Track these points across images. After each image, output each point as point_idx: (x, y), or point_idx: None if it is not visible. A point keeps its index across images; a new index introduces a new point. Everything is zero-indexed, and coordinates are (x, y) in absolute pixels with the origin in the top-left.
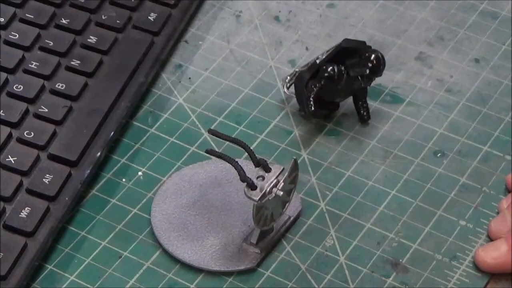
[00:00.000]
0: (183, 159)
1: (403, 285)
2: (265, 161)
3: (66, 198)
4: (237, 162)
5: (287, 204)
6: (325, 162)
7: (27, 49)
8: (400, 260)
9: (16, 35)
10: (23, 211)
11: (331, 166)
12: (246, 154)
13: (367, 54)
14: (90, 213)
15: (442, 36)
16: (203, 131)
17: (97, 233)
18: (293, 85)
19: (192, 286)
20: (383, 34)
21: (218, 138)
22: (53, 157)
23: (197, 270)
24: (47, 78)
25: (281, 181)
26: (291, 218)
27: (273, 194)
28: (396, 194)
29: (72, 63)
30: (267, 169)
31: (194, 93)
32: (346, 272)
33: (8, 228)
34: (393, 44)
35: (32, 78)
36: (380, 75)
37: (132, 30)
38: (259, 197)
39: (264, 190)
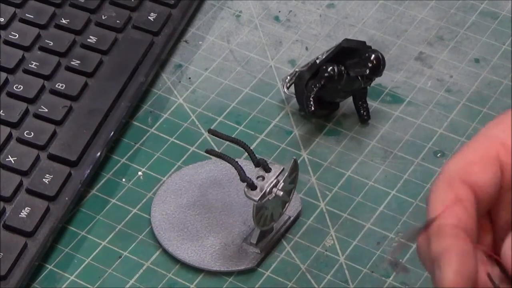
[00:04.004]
0: (183, 159)
1: (403, 285)
2: (265, 161)
3: (66, 198)
4: (237, 162)
5: (287, 204)
6: (325, 162)
7: (27, 49)
8: (400, 260)
9: (16, 35)
10: (23, 211)
11: (331, 166)
12: (246, 154)
13: (367, 54)
14: (90, 213)
15: (442, 36)
16: (203, 131)
17: (97, 233)
18: (293, 85)
19: (192, 286)
20: (383, 34)
21: (218, 138)
22: (53, 157)
23: (197, 270)
24: (47, 78)
25: (281, 181)
26: (291, 218)
27: (273, 194)
28: (396, 194)
29: (72, 63)
30: (267, 169)
31: (194, 93)
32: (346, 272)
33: (8, 228)
34: (393, 44)
35: (32, 78)
36: (380, 75)
37: (132, 30)
38: (259, 197)
39: (264, 190)
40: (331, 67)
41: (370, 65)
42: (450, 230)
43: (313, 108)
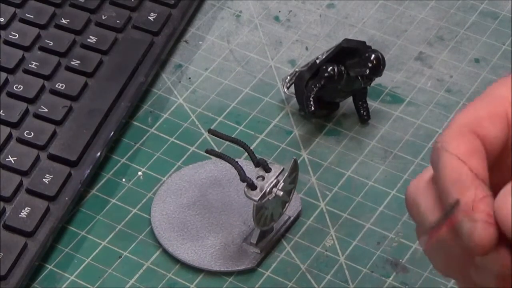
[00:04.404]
0: (183, 159)
1: (403, 285)
2: (265, 161)
3: (66, 198)
4: (237, 162)
5: (287, 204)
6: (325, 162)
7: (27, 49)
8: (400, 260)
9: (16, 35)
10: (23, 211)
11: (331, 166)
12: (246, 154)
13: (367, 54)
14: (90, 213)
15: (442, 36)
16: (203, 131)
17: (97, 233)
18: (293, 85)
19: (192, 286)
20: (383, 34)
21: (218, 138)
22: (53, 157)
23: (197, 270)
24: (47, 78)
25: (281, 181)
26: (291, 218)
27: (273, 194)
28: (396, 194)
29: (72, 63)
30: (267, 169)
31: (194, 93)
32: (346, 272)
33: (8, 228)
34: (393, 44)
35: (32, 78)
36: (380, 75)
37: (132, 30)
38: (259, 197)
39: (264, 190)
40: (331, 67)
41: (370, 65)
42: (471, 181)
43: (313, 108)
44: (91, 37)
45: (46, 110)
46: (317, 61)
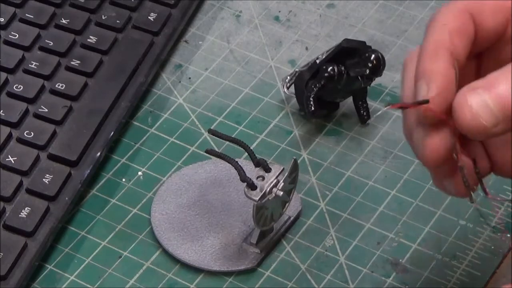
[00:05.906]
0: (183, 159)
1: (403, 285)
2: (265, 161)
3: (66, 198)
4: (237, 162)
5: (287, 204)
6: (325, 162)
7: (27, 49)
8: (400, 260)
9: (16, 35)
10: (23, 211)
11: (331, 166)
12: (246, 154)
13: (367, 54)
14: (90, 213)
15: None
16: (203, 131)
17: (97, 233)
18: (293, 85)
19: (192, 286)
20: (383, 34)
21: (218, 138)
22: (53, 157)
23: (197, 270)
24: (47, 78)
25: (281, 181)
26: (291, 218)
27: (273, 194)
28: (396, 194)
29: (72, 63)
30: (267, 169)
31: (194, 93)
32: (346, 272)
33: (8, 228)
34: (393, 44)
35: (32, 78)
36: (380, 75)
37: (132, 30)
38: (259, 197)
39: (264, 190)
40: (331, 67)
41: (370, 65)
42: (443, 53)
43: (313, 108)
44: (91, 37)
45: (46, 110)
46: (317, 61)
